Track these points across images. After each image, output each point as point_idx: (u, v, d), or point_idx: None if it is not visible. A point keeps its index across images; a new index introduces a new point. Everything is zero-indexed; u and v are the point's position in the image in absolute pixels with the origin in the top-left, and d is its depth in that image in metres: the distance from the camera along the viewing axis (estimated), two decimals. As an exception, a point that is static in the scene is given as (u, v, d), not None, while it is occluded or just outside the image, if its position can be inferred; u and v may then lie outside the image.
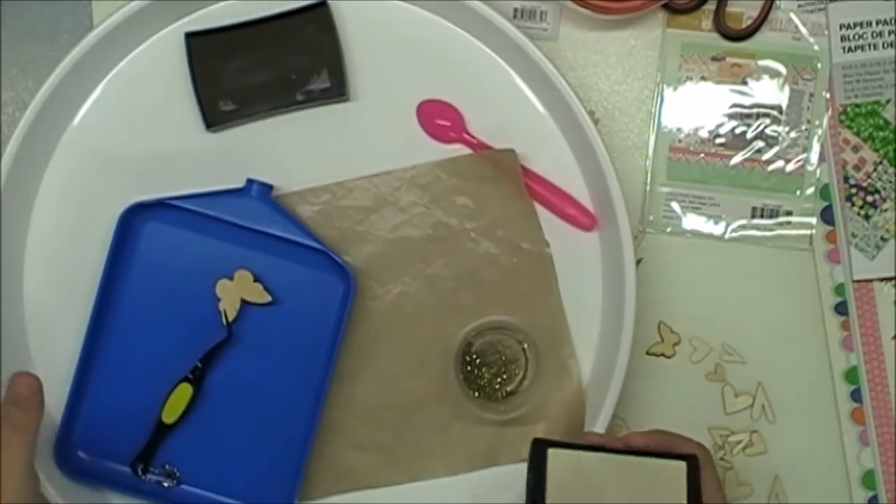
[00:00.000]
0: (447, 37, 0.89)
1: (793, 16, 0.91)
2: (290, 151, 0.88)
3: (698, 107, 0.91)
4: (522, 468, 0.79)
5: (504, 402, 0.87)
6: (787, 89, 0.91)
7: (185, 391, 0.84)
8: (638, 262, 0.88)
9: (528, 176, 0.88)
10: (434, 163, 0.88)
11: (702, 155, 0.91)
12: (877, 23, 0.90)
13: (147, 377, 0.86)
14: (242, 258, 0.86)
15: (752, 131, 0.91)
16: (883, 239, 0.90)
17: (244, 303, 0.85)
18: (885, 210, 0.90)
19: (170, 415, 0.85)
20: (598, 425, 0.84)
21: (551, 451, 0.71)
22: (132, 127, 0.89)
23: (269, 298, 0.85)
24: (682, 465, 0.71)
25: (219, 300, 0.85)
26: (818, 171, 0.91)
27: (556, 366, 0.88)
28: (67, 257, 0.88)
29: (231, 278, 0.85)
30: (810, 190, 0.91)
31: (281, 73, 0.87)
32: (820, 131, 0.91)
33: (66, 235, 0.88)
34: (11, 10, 0.92)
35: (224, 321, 0.81)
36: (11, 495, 0.68)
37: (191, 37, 0.87)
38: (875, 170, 0.90)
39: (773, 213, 0.91)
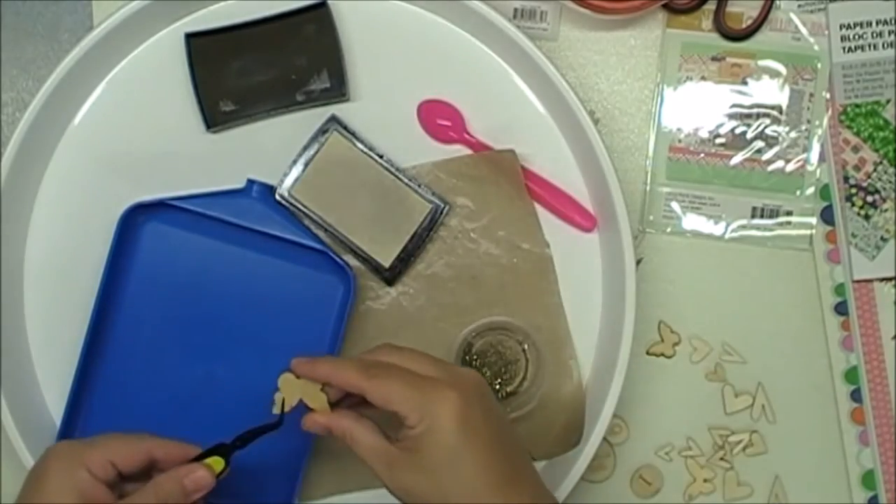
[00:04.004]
0: (447, 37, 0.89)
1: (793, 16, 0.91)
2: (290, 151, 0.88)
3: (698, 107, 0.91)
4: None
5: (505, 403, 0.87)
6: (787, 89, 0.91)
7: (217, 463, 0.76)
8: (638, 262, 0.88)
9: (528, 176, 0.88)
10: (434, 163, 0.89)
11: (702, 155, 0.91)
12: (877, 23, 0.90)
13: (147, 378, 0.86)
14: (243, 259, 0.86)
15: (752, 131, 0.91)
16: (883, 239, 0.90)
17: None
18: (885, 210, 0.90)
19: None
20: (598, 425, 0.84)
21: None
22: (132, 127, 0.89)
23: (328, 408, 0.77)
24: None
25: (277, 390, 0.79)
26: (818, 171, 0.91)
27: (556, 366, 0.88)
28: (67, 258, 0.88)
29: (298, 377, 0.79)
30: (810, 190, 0.91)
31: (281, 74, 0.87)
32: (820, 131, 0.91)
33: (66, 236, 0.88)
34: (11, 10, 0.92)
35: (280, 410, 0.79)
36: None
37: (191, 37, 0.87)
38: (875, 170, 0.90)
39: (773, 213, 0.91)
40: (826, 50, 0.91)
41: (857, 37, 0.90)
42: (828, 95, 0.91)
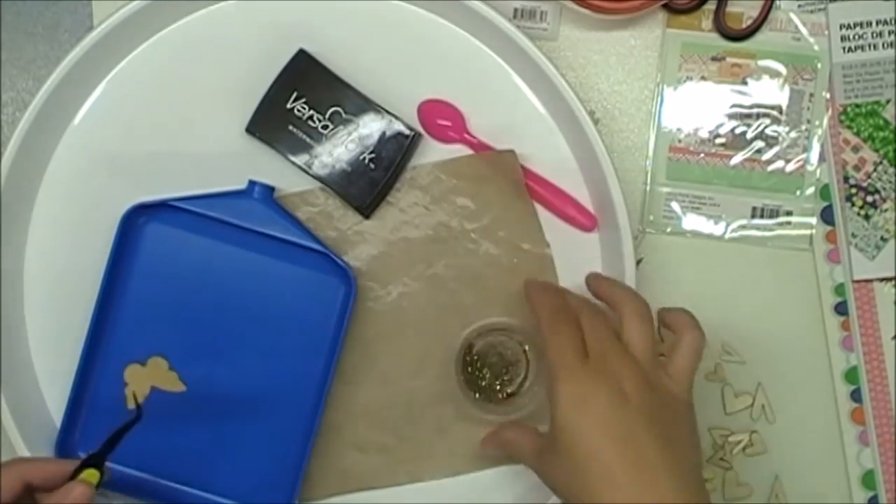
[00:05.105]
0: (447, 37, 0.89)
1: (793, 16, 0.91)
2: (291, 153, 0.88)
3: (698, 107, 0.91)
4: (524, 468, 0.80)
5: (505, 404, 0.87)
6: (787, 89, 0.91)
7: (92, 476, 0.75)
8: (638, 262, 0.88)
9: (528, 176, 0.89)
10: (434, 164, 0.89)
11: (702, 155, 0.91)
12: (877, 23, 0.90)
13: (148, 378, 0.86)
14: (244, 260, 0.86)
15: (752, 131, 0.91)
16: (883, 239, 0.90)
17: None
18: (885, 210, 0.90)
19: None
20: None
21: None
22: (132, 127, 0.89)
23: (183, 388, 0.82)
24: None
25: (126, 384, 0.81)
26: (818, 171, 0.91)
27: (556, 366, 0.88)
28: (68, 258, 0.88)
29: (143, 364, 0.82)
30: (810, 190, 0.91)
31: (337, 151, 0.87)
32: (820, 131, 0.91)
33: (66, 236, 0.88)
34: (11, 10, 0.91)
35: (134, 404, 0.79)
36: None
37: (302, 53, 0.87)
38: (875, 170, 0.90)
39: (773, 213, 0.91)
40: (826, 50, 0.91)
41: (857, 37, 0.90)
42: (828, 95, 0.91)
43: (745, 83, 0.91)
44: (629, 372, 0.73)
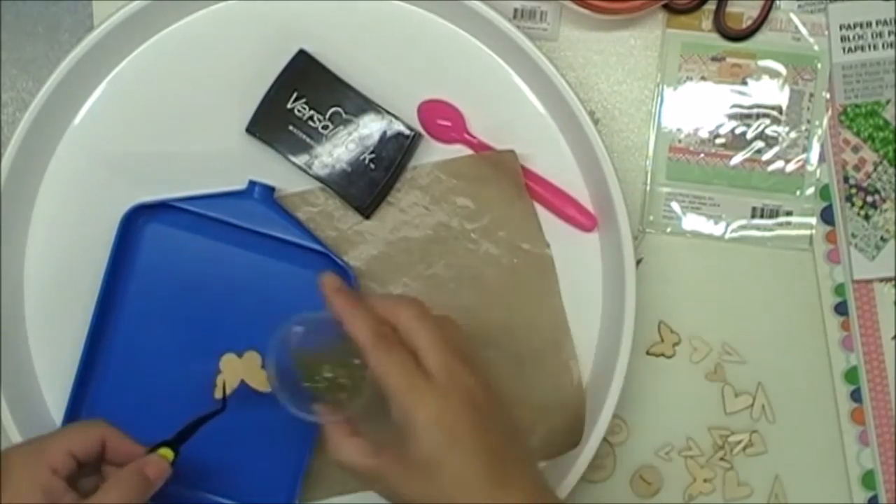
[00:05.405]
0: (447, 37, 0.89)
1: (793, 16, 0.91)
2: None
3: (698, 107, 0.91)
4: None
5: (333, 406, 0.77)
6: (787, 89, 0.91)
7: (168, 454, 0.76)
8: (638, 262, 0.88)
9: (529, 176, 0.89)
10: (433, 164, 0.89)
11: (702, 155, 0.91)
12: (877, 23, 0.90)
13: (148, 379, 0.86)
14: (244, 260, 0.86)
15: (752, 131, 0.91)
16: (883, 239, 0.90)
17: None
18: (885, 210, 0.90)
19: None
20: (598, 425, 0.84)
21: None
22: (132, 127, 0.89)
23: (268, 389, 0.80)
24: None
25: (219, 372, 0.81)
26: (818, 171, 0.91)
27: (556, 366, 0.88)
28: (68, 258, 0.88)
29: (240, 355, 0.82)
30: (810, 190, 0.91)
31: (336, 150, 0.87)
32: (820, 131, 0.91)
33: (66, 236, 0.88)
34: (11, 10, 0.92)
35: (221, 394, 0.78)
36: None
37: (303, 53, 0.87)
38: (875, 170, 0.90)
39: (773, 213, 0.91)
40: (826, 50, 0.91)
41: (857, 37, 0.90)
42: (828, 95, 0.91)
43: (745, 83, 0.91)
44: (475, 381, 0.70)
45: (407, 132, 0.87)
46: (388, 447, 0.71)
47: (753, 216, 0.91)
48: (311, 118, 0.87)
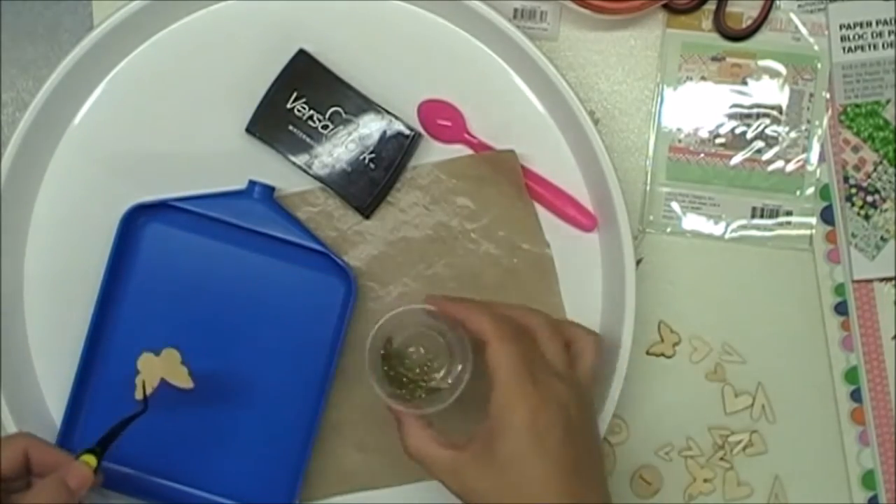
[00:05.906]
0: (447, 37, 0.89)
1: (793, 16, 0.91)
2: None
3: (698, 107, 0.91)
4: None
5: (427, 400, 0.80)
6: (787, 89, 0.91)
7: (90, 460, 0.75)
8: (638, 262, 0.89)
9: (528, 176, 0.89)
10: (433, 163, 0.89)
11: (702, 155, 0.91)
12: (877, 23, 0.90)
13: (148, 378, 0.86)
14: (244, 260, 0.86)
15: (752, 131, 0.91)
16: (883, 239, 0.90)
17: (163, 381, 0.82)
18: (885, 210, 0.90)
19: None
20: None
21: None
22: (132, 127, 0.89)
23: (191, 385, 0.81)
24: None
25: (137, 372, 0.81)
26: (818, 171, 0.91)
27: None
28: (68, 258, 0.88)
29: (157, 353, 0.82)
30: (810, 190, 0.91)
31: (336, 150, 0.87)
32: (820, 131, 0.91)
33: (66, 236, 0.88)
34: (11, 10, 0.91)
35: (142, 395, 0.78)
36: None
37: (303, 53, 0.87)
38: (875, 170, 0.90)
39: (773, 213, 0.91)
40: (826, 50, 0.91)
41: (857, 37, 0.90)
42: (828, 95, 0.91)
43: (745, 83, 0.91)
44: (572, 394, 0.73)
45: (407, 132, 0.87)
46: (461, 441, 0.73)
47: (753, 216, 0.91)
48: (311, 118, 0.87)
